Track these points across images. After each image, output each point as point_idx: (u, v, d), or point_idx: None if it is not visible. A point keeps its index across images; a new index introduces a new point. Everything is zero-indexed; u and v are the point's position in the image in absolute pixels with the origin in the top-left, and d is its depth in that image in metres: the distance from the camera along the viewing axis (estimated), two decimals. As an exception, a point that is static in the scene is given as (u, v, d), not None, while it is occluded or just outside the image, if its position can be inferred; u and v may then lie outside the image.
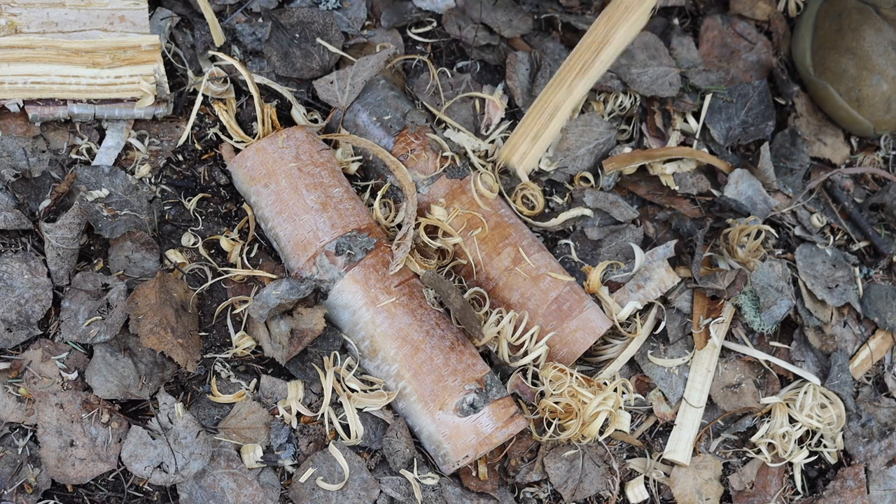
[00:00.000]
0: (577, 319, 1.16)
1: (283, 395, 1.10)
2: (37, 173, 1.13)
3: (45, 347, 1.06)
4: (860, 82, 1.36)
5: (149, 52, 1.17)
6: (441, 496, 1.11)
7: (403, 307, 1.10)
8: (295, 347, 1.09)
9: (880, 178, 1.44)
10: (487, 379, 1.10)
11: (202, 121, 1.22)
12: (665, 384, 1.22)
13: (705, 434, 1.25)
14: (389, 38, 1.31)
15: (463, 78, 1.31)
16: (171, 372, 1.08)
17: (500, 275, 1.17)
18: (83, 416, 1.04)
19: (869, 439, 1.28)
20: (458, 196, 1.19)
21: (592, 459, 1.18)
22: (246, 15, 1.27)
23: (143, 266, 1.12)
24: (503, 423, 1.09)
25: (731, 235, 1.28)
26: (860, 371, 1.31)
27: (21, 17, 1.16)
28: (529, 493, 1.17)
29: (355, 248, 1.12)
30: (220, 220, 1.19)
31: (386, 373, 1.11)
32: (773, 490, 1.25)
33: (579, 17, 1.37)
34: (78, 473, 1.03)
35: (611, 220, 1.28)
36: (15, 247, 1.10)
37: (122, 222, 1.11)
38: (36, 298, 1.07)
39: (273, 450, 1.09)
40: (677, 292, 1.25)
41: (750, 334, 1.28)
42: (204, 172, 1.20)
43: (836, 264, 1.32)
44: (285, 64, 1.25)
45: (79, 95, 1.14)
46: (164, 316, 1.05)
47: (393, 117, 1.22)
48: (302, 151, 1.15)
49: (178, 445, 1.04)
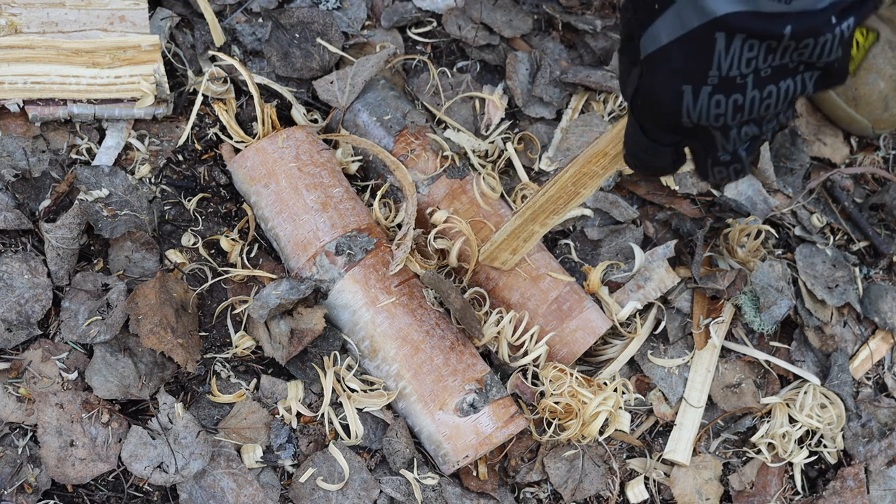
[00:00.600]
0: (576, 320, 1.16)
1: (283, 395, 1.10)
2: (37, 173, 1.13)
3: (45, 347, 1.06)
4: (857, 81, 1.36)
5: (149, 52, 1.17)
6: (441, 496, 1.10)
7: (403, 307, 1.10)
8: (295, 347, 1.09)
9: (880, 178, 1.43)
10: (487, 379, 1.10)
11: (202, 121, 1.22)
12: (665, 384, 1.22)
13: (705, 434, 1.25)
14: (389, 38, 1.31)
15: (463, 78, 1.31)
16: (171, 372, 1.08)
17: (500, 275, 1.17)
18: (83, 416, 1.04)
19: (869, 439, 1.28)
20: (458, 196, 1.18)
21: (592, 459, 1.18)
22: (246, 15, 1.27)
23: (143, 266, 1.12)
24: (503, 423, 1.09)
25: (731, 235, 1.28)
26: (860, 371, 1.31)
27: (21, 17, 1.16)
28: (529, 493, 1.17)
29: (355, 248, 1.12)
30: (220, 220, 1.19)
31: (386, 373, 1.10)
32: (773, 490, 1.25)
33: (579, 17, 1.37)
34: (78, 473, 1.03)
35: (611, 220, 1.28)
36: (15, 247, 1.10)
37: (122, 222, 1.11)
38: (36, 298, 1.07)
39: (273, 450, 1.09)
40: (677, 292, 1.25)
41: (750, 334, 1.28)
42: (204, 172, 1.20)
43: (836, 264, 1.32)
44: (285, 64, 1.25)
45: (79, 95, 1.14)
46: (164, 316, 1.05)
47: (393, 117, 1.22)
48: (302, 151, 1.15)
49: (178, 445, 1.04)
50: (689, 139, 0.79)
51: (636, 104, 0.78)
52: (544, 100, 1.31)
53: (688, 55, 0.72)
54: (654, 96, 0.75)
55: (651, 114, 0.78)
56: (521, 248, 1.06)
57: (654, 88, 0.75)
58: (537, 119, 1.32)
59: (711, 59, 0.71)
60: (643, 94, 0.76)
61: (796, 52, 0.71)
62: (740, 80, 0.72)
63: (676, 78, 0.73)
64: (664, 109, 0.75)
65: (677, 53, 0.72)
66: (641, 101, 0.77)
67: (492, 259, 1.13)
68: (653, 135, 0.79)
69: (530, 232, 1.04)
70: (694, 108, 0.74)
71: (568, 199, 0.99)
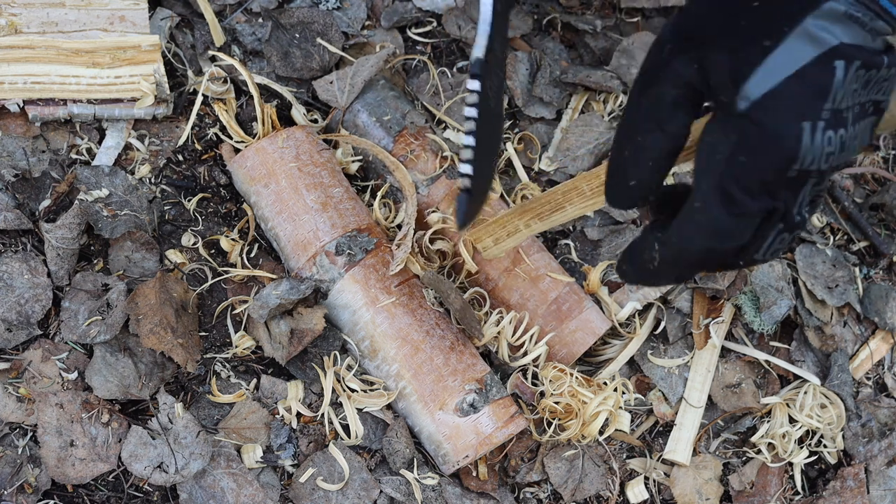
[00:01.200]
0: (576, 320, 1.16)
1: (283, 395, 1.10)
2: (37, 173, 1.13)
3: (45, 347, 1.06)
4: (860, 82, 1.36)
5: (149, 52, 1.17)
6: (441, 496, 1.11)
7: (403, 307, 1.10)
8: (295, 347, 1.09)
9: (880, 178, 1.43)
10: (487, 379, 1.10)
11: (202, 121, 1.22)
12: (665, 384, 1.22)
13: (705, 434, 1.25)
14: (389, 38, 1.31)
15: (463, 78, 1.31)
16: (171, 372, 1.08)
17: (500, 275, 1.17)
18: (83, 416, 1.04)
19: (869, 439, 1.28)
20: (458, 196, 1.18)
21: (592, 459, 1.18)
22: (246, 15, 1.27)
23: (143, 266, 1.12)
24: (503, 423, 1.09)
25: (731, 235, 1.28)
26: (860, 371, 1.31)
27: (21, 17, 1.16)
28: (529, 493, 1.17)
29: (355, 248, 1.12)
30: (220, 220, 1.19)
31: (386, 373, 1.11)
32: (773, 490, 1.25)
33: (579, 17, 1.37)
34: (78, 473, 1.03)
35: (611, 221, 1.28)
36: (15, 247, 1.10)
37: (122, 222, 1.11)
38: (36, 298, 1.07)
39: (273, 450, 1.09)
40: (677, 292, 1.25)
41: (750, 334, 1.28)
42: (204, 172, 1.20)
43: (836, 264, 1.32)
44: (285, 64, 1.25)
45: (79, 95, 1.14)
46: (164, 316, 1.05)
47: (392, 118, 1.22)
48: (302, 151, 1.15)
49: (178, 445, 1.04)
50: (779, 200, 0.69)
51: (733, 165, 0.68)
52: (544, 100, 1.31)
53: (805, 88, 0.66)
54: (775, 140, 0.67)
55: (757, 168, 0.68)
56: (504, 241, 1.05)
57: (775, 132, 0.67)
58: (537, 119, 1.32)
59: (829, 90, 0.66)
60: (751, 148, 0.67)
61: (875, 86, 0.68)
62: (846, 113, 0.67)
63: (797, 115, 0.66)
64: (785, 153, 0.67)
65: (796, 88, 0.66)
66: (747, 156, 0.68)
67: (476, 238, 1.12)
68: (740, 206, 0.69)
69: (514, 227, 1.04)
70: (811, 147, 0.67)
71: (553, 208, 0.99)
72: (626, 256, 0.78)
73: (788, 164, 0.67)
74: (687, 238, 0.72)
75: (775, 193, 0.69)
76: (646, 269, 0.76)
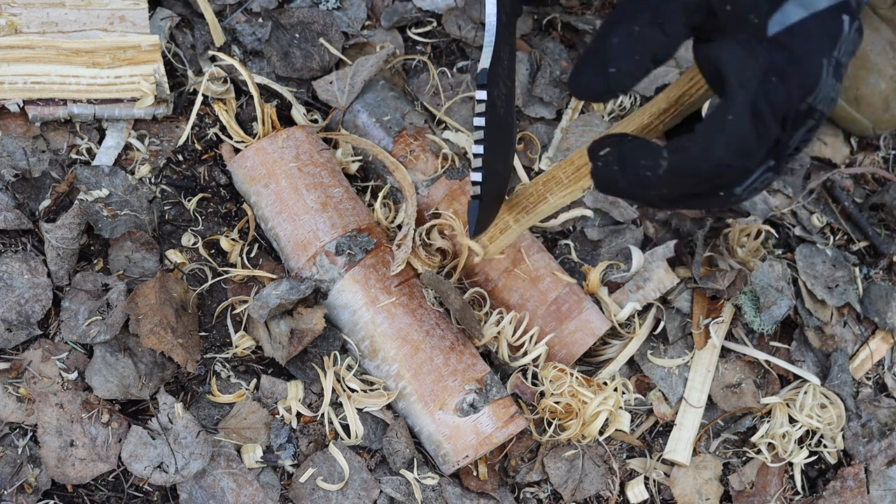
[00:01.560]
0: (576, 321, 1.16)
1: (283, 395, 1.10)
2: (37, 173, 1.13)
3: (45, 347, 1.06)
4: (858, 81, 1.36)
5: (149, 52, 1.17)
6: (441, 496, 1.11)
7: (403, 307, 1.10)
8: (295, 347, 1.09)
9: (880, 178, 1.43)
10: (487, 379, 1.10)
11: (202, 121, 1.22)
12: (665, 384, 1.22)
13: (705, 434, 1.25)
14: (389, 38, 1.31)
15: (463, 78, 1.31)
16: (171, 372, 1.08)
17: (500, 276, 1.17)
18: (83, 416, 1.04)
19: (869, 439, 1.28)
20: (457, 197, 1.18)
21: (592, 459, 1.18)
22: (246, 15, 1.27)
23: (143, 266, 1.12)
24: (503, 423, 1.09)
25: (731, 235, 1.28)
26: (860, 371, 1.31)
27: (21, 17, 1.16)
28: (529, 493, 1.17)
29: (355, 248, 1.12)
30: (220, 220, 1.19)
31: (386, 373, 1.11)
32: (773, 490, 1.25)
33: (579, 17, 1.37)
34: (78, 473, 1.03)
35: (611, 221, 1.28)
36: (15, 247, 1.10)
37: (122, 222, 1.11)
38: (36, 298, 1.07)
39: (273, 450, 1.09)
40: (677, 292, 1.25)
41: (750, 334, 1.28)
42: (204, 172, 1.20)
43: (836, 264, 1.32)
44: (285, 64, 1.25)
45: (79, 95, 1.14)
46: (164, 316, 1.05)
47: (392, 118, 1.22)
48: (302, 151, 1.15)
49: (178, 445, 1.04)
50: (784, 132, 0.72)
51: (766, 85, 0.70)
52: (544, 100, 1.31)
53: (822, 30, 0.69)
54: (801, 68, 0.69)
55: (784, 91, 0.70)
56: (497, 238, 1.06)
57: (802, 60, 0.69)
58: (537, 119, 1.32)
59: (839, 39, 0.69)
60: (779, 71, 0.70)
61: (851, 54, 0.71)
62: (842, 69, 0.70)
63: (818, 50, 0.69)
64: (807, 83, 0.70)
65: (816, 27, 0.69)
66: (778, 77, 0.70)
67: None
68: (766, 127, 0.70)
69: (505, 223, 1.04)
70: (824, 84, 0.70)
71: (537, 200, 1.00)
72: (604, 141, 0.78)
73: (805, 95, 0.70)
74: (710, 147, 0.71)
75: (784, 124, 0.71)
76: (642, 176, 0.74)
